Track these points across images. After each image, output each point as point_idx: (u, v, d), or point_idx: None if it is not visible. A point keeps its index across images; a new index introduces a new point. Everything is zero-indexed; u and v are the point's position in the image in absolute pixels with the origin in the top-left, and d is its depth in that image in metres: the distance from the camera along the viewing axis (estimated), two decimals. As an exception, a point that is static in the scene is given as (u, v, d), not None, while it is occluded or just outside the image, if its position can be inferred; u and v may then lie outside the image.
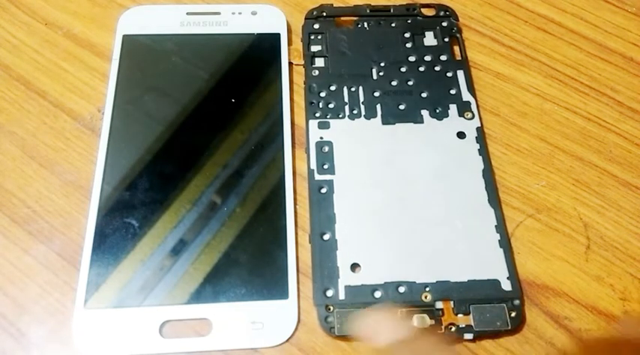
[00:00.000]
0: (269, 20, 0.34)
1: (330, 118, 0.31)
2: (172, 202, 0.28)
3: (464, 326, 0.25)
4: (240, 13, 0.34)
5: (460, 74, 0.32)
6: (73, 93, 0.32)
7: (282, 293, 0.26)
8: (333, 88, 0.32)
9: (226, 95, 0.31)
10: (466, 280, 0.26)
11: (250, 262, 0.26)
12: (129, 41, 0.32)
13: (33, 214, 0.28)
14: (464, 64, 0.33)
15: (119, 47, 0.32)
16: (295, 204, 0.28)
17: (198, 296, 0.25)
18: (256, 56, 0.33)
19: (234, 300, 0.25)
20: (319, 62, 0.33)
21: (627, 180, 0.30)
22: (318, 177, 0.29)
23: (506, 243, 0.27)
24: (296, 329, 0.25)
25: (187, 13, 0.34)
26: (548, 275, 0.27)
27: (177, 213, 0.28)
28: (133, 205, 0.28)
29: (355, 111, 0.31)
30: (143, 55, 0.32)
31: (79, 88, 0.32)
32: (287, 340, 0.25)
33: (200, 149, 0.29)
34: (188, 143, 0.30)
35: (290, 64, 0.33)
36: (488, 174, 0.29)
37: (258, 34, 0.33)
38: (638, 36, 0.35)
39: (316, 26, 0.34)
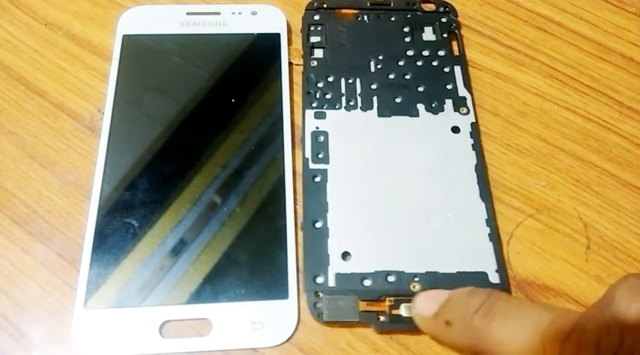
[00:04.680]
0: (269, 20, 0.34)
1: (326, 109, 0.31)
2: (172, 202, 0.28)
3: None
4: (240, 13, 0.34)
5: (457, 70, 0.32)
6: (73, 93, 0.32)
7: (282, 293, 0.26)
8: (330, 79, 0.32)
9: (226, 95, 0.31)
10: (455, 271, 0.26)
11: (250, 262, 0.26)
12: (129, 41, 0.32)
13: (33, 214, 0.28)
14: (461, 59, 0.33)
15: (119, 47, 0.32)
16: (295, 203, 0.28)
17: (198, 296, 0.25)
18: (256, 56, 0.33)
19: (234, 300, 0.25)
20: (318, 53, 0.33)
21: (627, 180, 0.30)
22: (312, 165, 0.29)
23: (495, 237, 0.27)
24: (296, 329, 0.25)
25: (187, 13, 0.34)
26: (548, 275, 0.27)
27: (177, 213, 0.28)
28: (133, 205, 0.28)
29: (352, 103, 0.31)
30: (143, 55, 0.32)
31: (79, 88, 0.32)
32: (287, 340, 0.25)
33: (200, 149, 0.29)
34: (188, 143, 0.30)
35: (290, 64, 0.33)
36: (481, 168, 0.29)
37: (258, 34, 0.33)
38: (638, 36, 0.35)
39: (316, 17, 0.34)
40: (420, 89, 0.32)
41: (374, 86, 0.32)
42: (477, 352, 0.21)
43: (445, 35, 0.34)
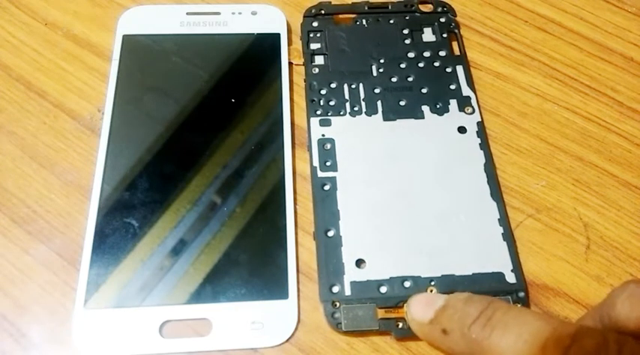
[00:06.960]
0: (269, 20, 0.34)
1: (331, 116, 0.31)
2: (172, 202, 0.28)
3: None
4: (240, 13, 0.34)
5: (459, 69, 0.32)
6: (73, 93, 0.32)
7: (282, 293, 0.26)
8: (333, 85, 0.32)
9: (226, 95, 0.31)
10: (471, 273, 0.26)
11: (250, 262, 0.26)
12: (129, 41, 0.32)
13: (33, 214, 0.28)
14: (462, 59, 0.33)
15: (119, 47, 0.32)
16: (295, 204, 0.28)
17: (198, 296, 0.25)
18: (256, 56, 0.33)
19: (234, 300, 0.25)
20: (319, 60, 0.33)
21: (627, 180, 0.30)
22: (321, 174, 0.29)
23: (509, 236, 0.27)
24: (296, 329, 0.25)
25: (187, 13, 0.34)
26: (548, 276, 0.27)
27: (177, 213, 0.28)
28: (133, 205, 0.28)
29: (356, 108, 0.31)
30: (143, 55, 0.32)
31: (79, 88, 0.32)
32: (287, 340, 0.25)
33: (200, 149, 0.29)
34: (188, 143, 0.30)
35: (290, 64, 0.33)
36: (490, 168, 0.29)
37: (258, 34, 0.33)
38: (638, 36, 0.35)
39: (315, 24, 0.34)
40: (424, 91, 0.32)
41: (377, 90, 0.32)
42: None
43: (445, 35, 0.34)
